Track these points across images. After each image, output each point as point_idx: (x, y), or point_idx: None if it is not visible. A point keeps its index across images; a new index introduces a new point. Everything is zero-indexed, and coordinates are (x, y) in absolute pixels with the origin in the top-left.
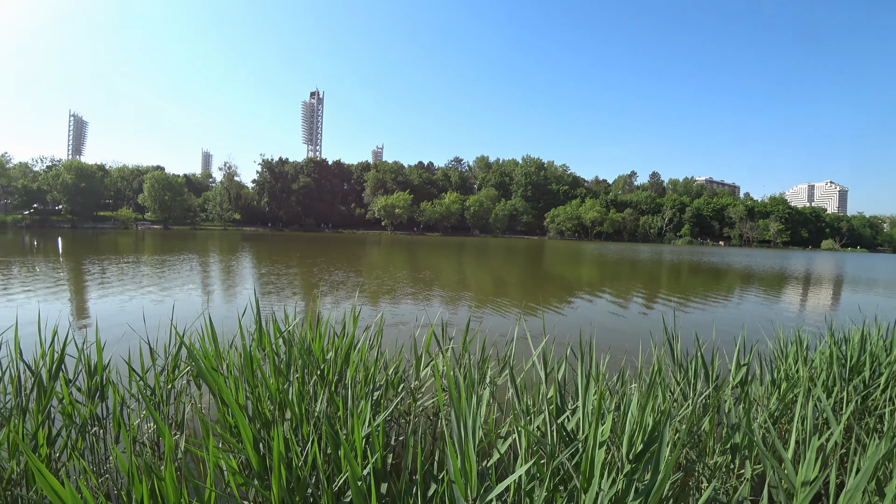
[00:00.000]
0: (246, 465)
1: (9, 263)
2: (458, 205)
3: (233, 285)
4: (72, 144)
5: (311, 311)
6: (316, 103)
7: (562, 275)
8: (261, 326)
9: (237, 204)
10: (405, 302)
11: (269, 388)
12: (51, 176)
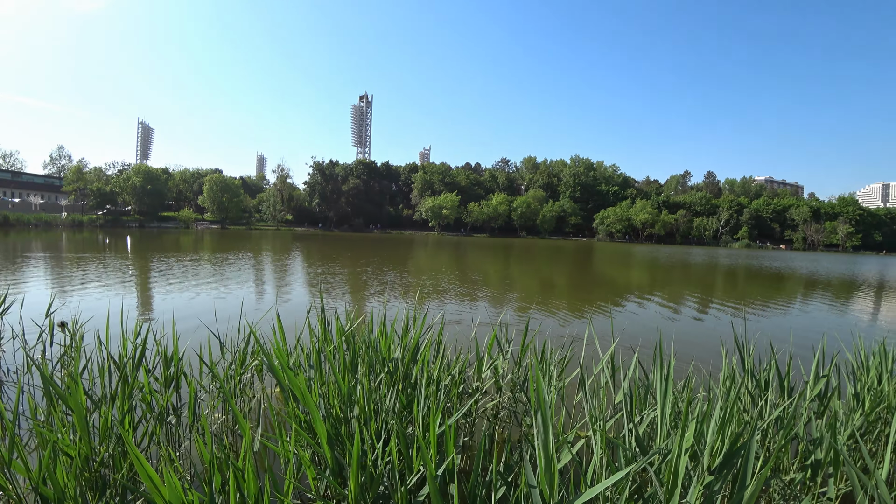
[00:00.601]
0: (317, 459)
1: (86, 260)
2: (505, 206)
3: (292, 284)
4: (140, 149)
5: (372, 311)
6: (365, 107)
7: (613, 277)
8: (325, 324)
9: (289, 205)
10: (458, 302)
11: (340, 386)
12: (121, 179)
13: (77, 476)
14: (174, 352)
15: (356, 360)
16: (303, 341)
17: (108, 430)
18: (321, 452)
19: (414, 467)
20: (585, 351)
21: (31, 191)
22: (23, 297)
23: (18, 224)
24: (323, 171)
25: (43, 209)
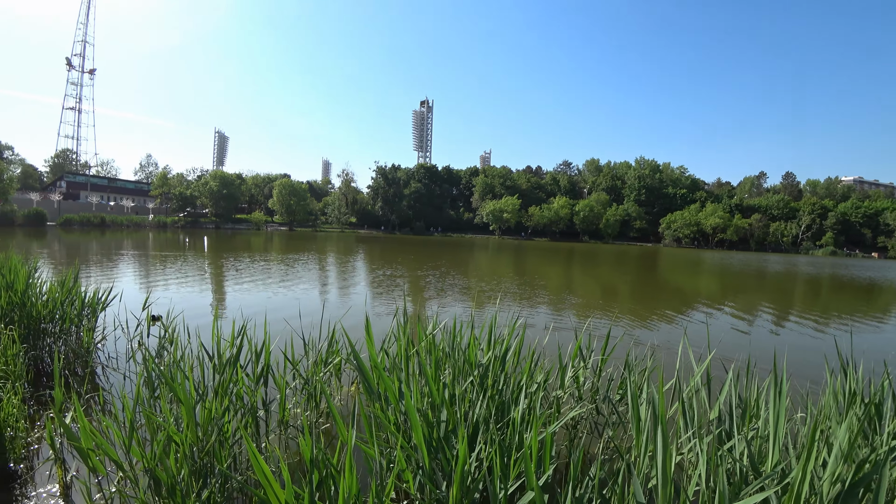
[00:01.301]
0: (411, 462)
1: (171, 258)
2: (566, 210)
3: (365, 285)
4: (216, 156)
5: (454, 315)
6: (426, 112)
7: (685, 285)
8: (407, 328)
9: (353, 208)
10: (529, 307)
11: (431, 390)
12: (200, 184)
13: (185, 462)
14: (266, 349)
15: (444, 365)
16: (381, 343)
17: (211, 422)
18: (415, 456)
19: (510, 475)
20: (666, 361)
21: (124, 195)
22: (121, 291)
23: (113, 225)
24: (386, 175)
25: (133, 211)
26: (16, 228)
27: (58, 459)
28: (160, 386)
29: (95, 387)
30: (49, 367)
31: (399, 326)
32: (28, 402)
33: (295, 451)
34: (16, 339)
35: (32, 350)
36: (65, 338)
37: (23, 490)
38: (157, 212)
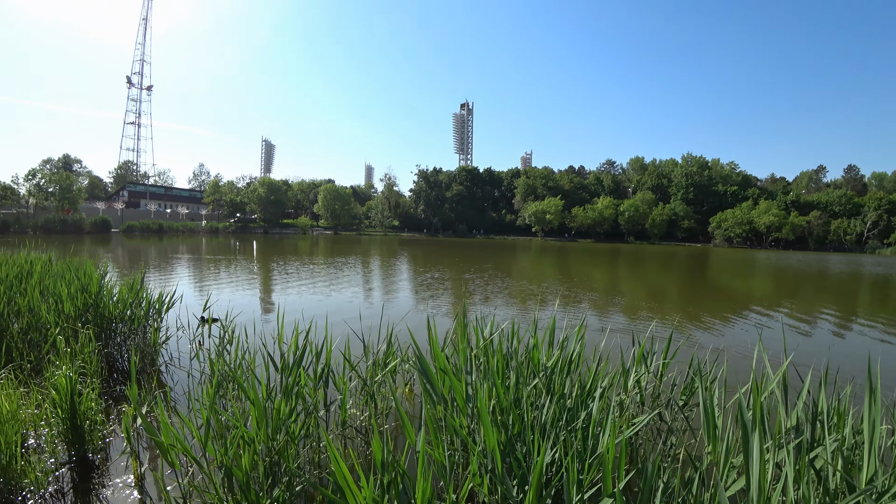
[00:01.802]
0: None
1: (225, 261)
2: (611, 210)
3: (415, 288)
4: (263, 164)
5: (513, 318)
6: (466, 114)
7: (740, 288)
8: (466, 331)
9: (396, 211)
10: (581, 310)
11: (499, 394)
12: (249, 191)
13: (260, 460)
14: (327, 351)
15: (509, 368)
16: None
17: (280, 422)
18: (484, 459)
19: (584, 481)
20: (731, 365)
21: (179, 202)
22: (181, 293)
23: (170, 231)
24: (427, 178)
25: (188, 218)
26: (84, 235)
27: (133, 452)
28: (227, 385)
29: (161, 384)
30: (118, 364)
31: (459, 328)
32: (103, 397)
33: (356, 453)
34: (92, 338)
35: (105, 348)
36: (133, 337)
37: (100, 479)
38: (210, 218)
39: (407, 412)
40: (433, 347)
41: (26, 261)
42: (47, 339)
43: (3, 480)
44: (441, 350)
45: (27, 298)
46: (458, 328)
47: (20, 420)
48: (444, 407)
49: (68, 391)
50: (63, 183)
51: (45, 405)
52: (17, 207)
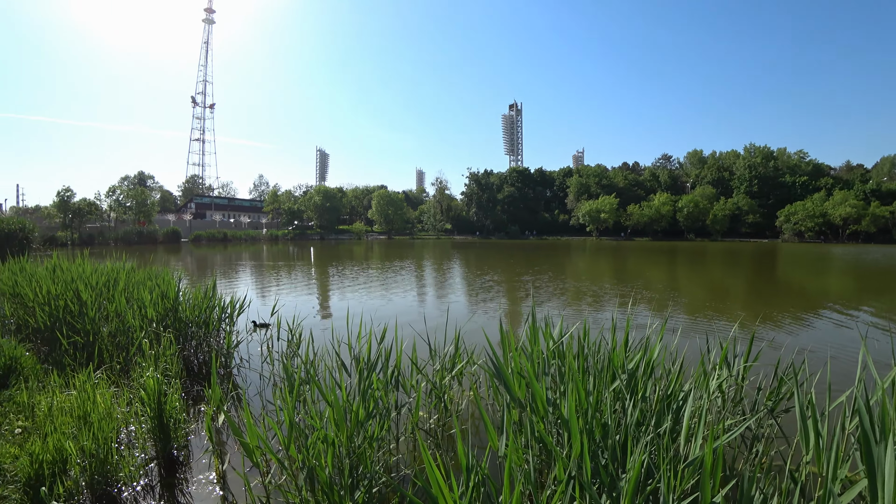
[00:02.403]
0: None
1: (285, 267)
2: (668, 206)
3: (476, 291)
4: (318, 172)
5: (585, 319)
6: (515, 115)
7: (819, 287)
8: (537, 334)
9: (448, 215)
10: (650, 311)
11: (580, 397)
12: (306, 199)
13: (345, 462)
14: (398, 355)
15: (583, 372)
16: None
17: (358, 424)
18: (568, 464)
19: (676, 489)
20: (816, 368)
21: (241, 212)
22: (250, 298)
23: (233, 239)
24: (478, 180)
25: (250, 227)
26: (158, 245)
27: (215, 450)
28: (301, 387)
29: (234, 385)
30: (193, 366)
31: (530, 330)
32: (183, 397)
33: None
34: (172, 341)
35: (183, 351)
36: (207, 340)
37: (184, 475)
38: (270, 226)
39: (474, 415)
40: (515, 356)
41: (112, 270)
42: (133, 342)
43: (101, 473)
44: (511, 353)
45: (115, 304)
46: (530, 330)
47: (114, 418)
48: (521, 411)
49: (156, 391)
50: (139, 198)
51: (134, 404)
52: (100, 221)
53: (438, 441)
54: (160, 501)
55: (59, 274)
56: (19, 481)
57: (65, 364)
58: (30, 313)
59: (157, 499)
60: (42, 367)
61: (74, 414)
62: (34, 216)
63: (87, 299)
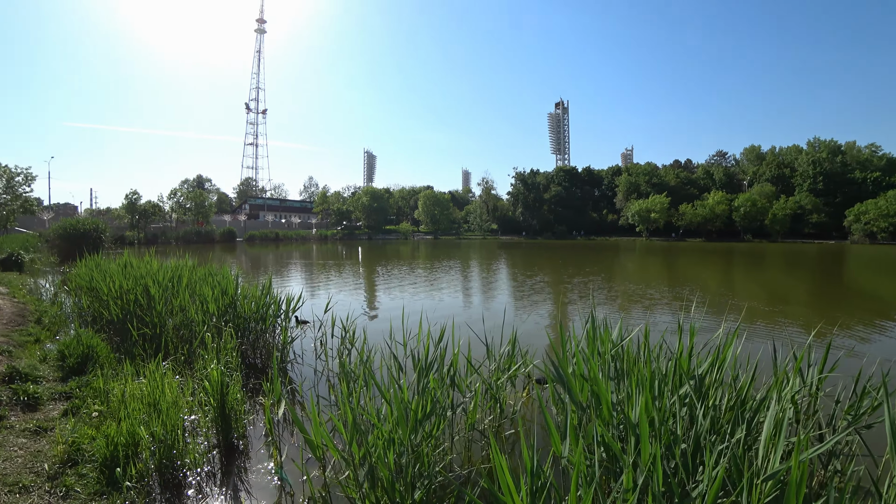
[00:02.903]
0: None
1: (336, 266)
2: (723, 205)
3: (525, 292)
4: (365, 174)
5: (646, 323)
6: (561, 113)
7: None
8: (596, 337)
9: (494, 215)
10: (708, 315)
11: (647, 402)
12: (354, 199)
13: (409, 460)
14: (455, 356)
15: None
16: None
17: (417, 423)
18: (632, 472)
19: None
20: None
21: (292, 213)
22: (304, 296)
23: (285, 239)
24: (525, 180)
25: (300, 227)
26: (215, 244)
27: (274, 442)
28: (355, 383)
29: (289, 380)
30: (250, 359)
31: (589, 332)
32: (242, 389)
33: (479, 458)
34: (233, 335)
35: (242, 345)
36: (263, 336)
37: (243, 463)
38: (319, 226)
39: (524, 417)
40: (563, 352)
41: (176, 267)
42: (195, 335)
43: (168, 458)
44: (567, 355)
45: (179, 299)
46: (588, 332)
47: (180, 406)
48: (581, 414)
49: (219, 383)
50: (197, 200)
51: (198, 394)
52: (163, 222)
53: (492, 442)
54: (221, 487)
55: (130, 270)
56: (96, 461)
57: (135, 354)
58: (104, 306)
59: (218, 484)
60: (115, 356)
61: (145, 401)
62: (106, 217)
63: (155, 294)
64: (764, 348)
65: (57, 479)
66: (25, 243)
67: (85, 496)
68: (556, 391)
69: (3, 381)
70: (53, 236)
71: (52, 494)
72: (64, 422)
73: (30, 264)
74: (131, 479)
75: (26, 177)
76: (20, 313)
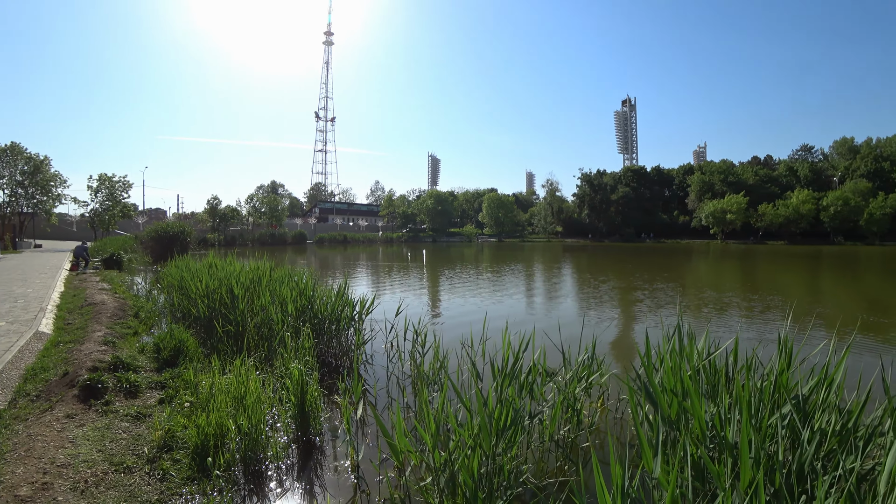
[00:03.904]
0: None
1: (402, 268)
2: (810, 205)
3: (599, 297)
4: (430, 177)
5: (737, 333)
6: (628, 111)
7: None
8: (685, 349)
9: (559, 217)
10: (811, 329)
11: (744, 421)
12: (419, 203)
13: (491, 469)
14: (534, 364)
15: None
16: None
17: (498, 431)
18: (731, 497)
19: None
20: None
21: (359, 216)
22: (377, 298)
23: (352, 241)
24: (591, 181)
25: (366, 229)
26: (287, 246)
27: (352, 441)
28: (425, 387)
29: (361, 379)
30: (325, 358)
31: (675, 342)
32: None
33: (553, 469)
34: (310, 335)
35: (319, 345)
36: (338, 336)
37: (321, 460)
38: (385, 229)
39: (602, 430)
40: (647, 363)
41: (255, 268)
42: (275, 334)
43: (252, 450)
44: (651, 366)
45: (260, 300)
46: (675, 343)
47: (262, 401)
48: (668, 430)
49: (299, 381)
50: (272, 204)
51: (278, 390)
52: (240, 225)
53: (568, 453)
54: (299, 481)
55: (214, 271)
56: (188, 448)
57: (219, 349)
58: (192, 304)
59: (296, 478)
60: (201, 351)
61: (231, 395)
62: (190, 220)
63: (239, 294)
64: (867, 363)
65: (155, 462)
66: (124, 244)
67: (179, 480)
68: (637, 402)
69: (109, 370)
70: (147, 238)
71: (152, 476)
72: (160, 409)
73: (127, 263)
74: (219, 468)
75: (125, 185)
76: (121, 308)
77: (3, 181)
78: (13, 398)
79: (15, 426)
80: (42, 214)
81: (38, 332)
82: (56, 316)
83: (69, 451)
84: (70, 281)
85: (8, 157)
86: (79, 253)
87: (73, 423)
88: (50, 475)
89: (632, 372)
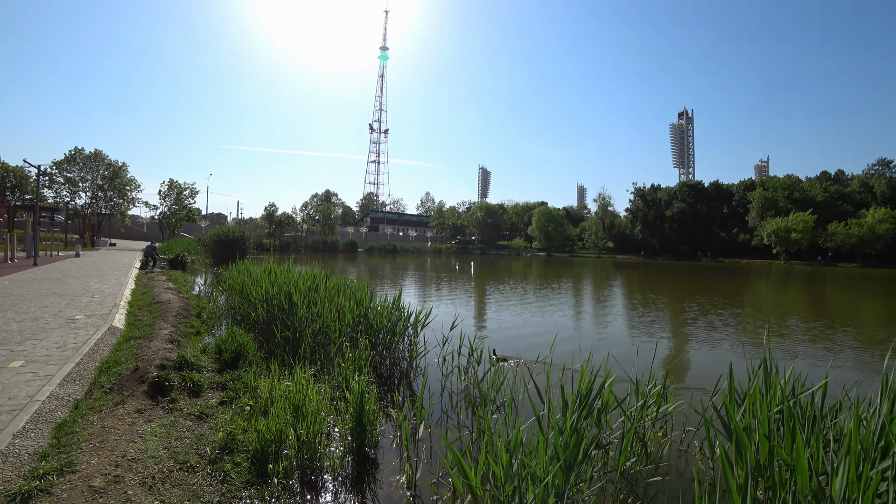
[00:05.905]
0: None
1: (449, 280)
2: (888, 224)
3: (658, 321)
4: (480, 189)
5: (829, 360)
6: (685, 124)
7: None
8: (770, 381)
9: (610, 232)
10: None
11: (853, 477)
12: (468, 214)
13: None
14: (605, 394)
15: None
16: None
17: (570, 461)
18: None
19: None
20: None
21: (409, 226)
22: (435, 313)
23: (402, 251)
24: (644, 196)
25: (416, 240)
26: (339, 254)
27: (409, 458)
28: (485, 408)
29: (413, 393)
30: (379, 369)
31: (762, 377)
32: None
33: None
34: (367, 346)
35: (374, 355)
36: (393, 348)
37: (375, 473)
38: (434, 239)
39: (668, 463)
40: (730, 398)
41: (312, 276)
42: (332, 342)
43: (310, 458)
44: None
45: (318, 307)
46: (762, 377)
47: (321, 411)
48: (755, 475)
49: (359, 393)
50: (325, 212)
51: (337, 400)
52: (294, 231)
53: (636, 489)
54: (354, 494)
55: (274, 277)
56: (248, 452)
57: (277, 354)
58: (252, 308)
59: (350, 490)
60: (260, 355)
61: (290, 402)
62: (248, 226)
63: (298, 301)
64: None
65: (217, 463)
66: (188, 246)
67: (239, 483)
68: (711, 441)
69: (175, 368)
70: (209, 241)
71: (213, 477)
72: (221, 410)
73: (191, 264)
74: (277, 475)
75: (191, 191)
76: (185, 307)
77: (86, 185)
78: (89, 389)
79: (90, 416)
80: (117, 216)
81: (112, 327)
82: (127, 312)
83: (139, 445)
84: (140, 279)
85: (91, 163)
86: (148, 252)
87: (142, 419)
88: (121, 468)
89: (702, 402)
